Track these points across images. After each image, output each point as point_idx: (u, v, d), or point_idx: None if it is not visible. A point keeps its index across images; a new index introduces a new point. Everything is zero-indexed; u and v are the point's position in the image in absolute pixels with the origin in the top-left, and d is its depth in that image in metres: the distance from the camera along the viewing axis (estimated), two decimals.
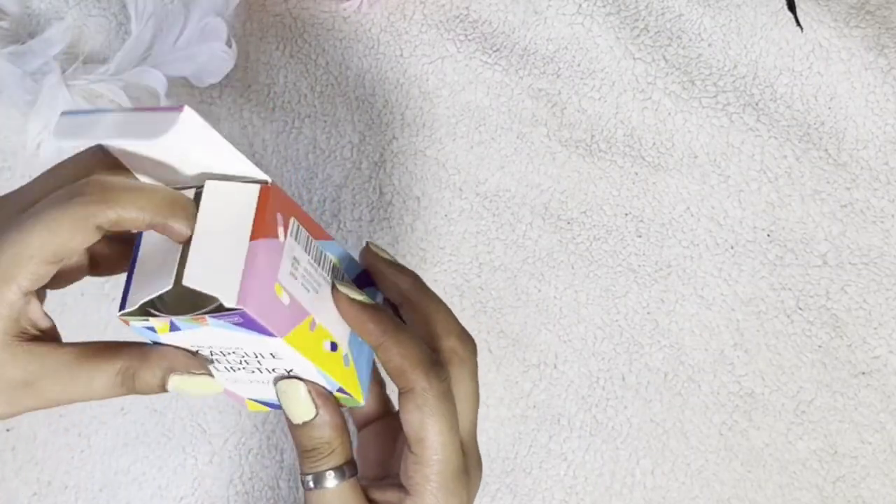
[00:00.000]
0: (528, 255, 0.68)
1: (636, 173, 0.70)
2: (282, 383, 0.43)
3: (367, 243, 0.46)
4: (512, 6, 0.73)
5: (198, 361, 0.42)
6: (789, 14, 0.73)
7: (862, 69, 0.72)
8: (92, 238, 0.40)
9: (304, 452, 0.44)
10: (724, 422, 0.66)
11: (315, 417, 0.43)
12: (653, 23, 0.73)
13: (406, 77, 0.71)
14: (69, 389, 0.42)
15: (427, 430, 0.42)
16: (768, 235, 0.70)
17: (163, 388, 0.41)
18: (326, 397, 0.43)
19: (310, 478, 0.44)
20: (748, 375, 0.67)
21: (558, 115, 0.71)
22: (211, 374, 0.42)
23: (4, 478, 0.63)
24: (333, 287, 0.43)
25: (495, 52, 0.72)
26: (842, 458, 0.66)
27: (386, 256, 0.46)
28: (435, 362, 0.43)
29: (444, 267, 0.68)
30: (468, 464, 0.44)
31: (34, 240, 0.39)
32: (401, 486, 0.44)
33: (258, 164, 0.67)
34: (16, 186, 0.65)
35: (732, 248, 0.69)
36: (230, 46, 0.67)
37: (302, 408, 0.43)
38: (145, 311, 0.40)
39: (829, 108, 0.72)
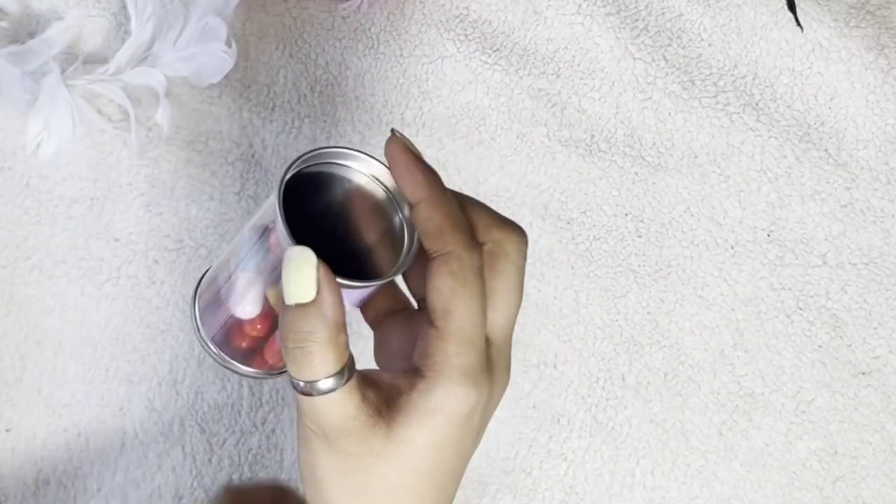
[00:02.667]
0: (528, 255, 0.68)
1: (636, 173, 0.70)
2: (292, 249, 0.37)
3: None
4: (512, 6, 0.72)
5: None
6: (789, 14, 0.73)
7: (862, 69, 0.72)
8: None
9: (290, 351, 0.37)
10: (724, 422, 0.66)
11: (312, 303, 0.36)
12: (653, 23, 0.73)
13: (406, 77, 0.71)
14: None
15: (457, 301, 0.38)
16: (768, 235, 0.70)
17: None
18: (335, 287, 0.37)
19: (300, 381, 0.38)
20: (748, 375, 0.67)
21: (558, 115, 0.71)
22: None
23: (3, 478, 0.63)
24: (393, 132, 0.39)
25: (495, 52, 0.72)
26: (842, 458, 0.66)
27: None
28: (474, 237, 0.39)
29: None
30: (495, 360, 0.40)
31: None
32: (413, 372, 0.39)
33: (257, 163, 0.67)
34: (15, 187, 0.65)
35: (732, 248, 0.69)
36: (230, 46, 0.67)
37: (302, 284, 0.36)
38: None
39: (829, 108, 0.72)
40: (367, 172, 0.42)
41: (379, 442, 0.39)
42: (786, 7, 0.73)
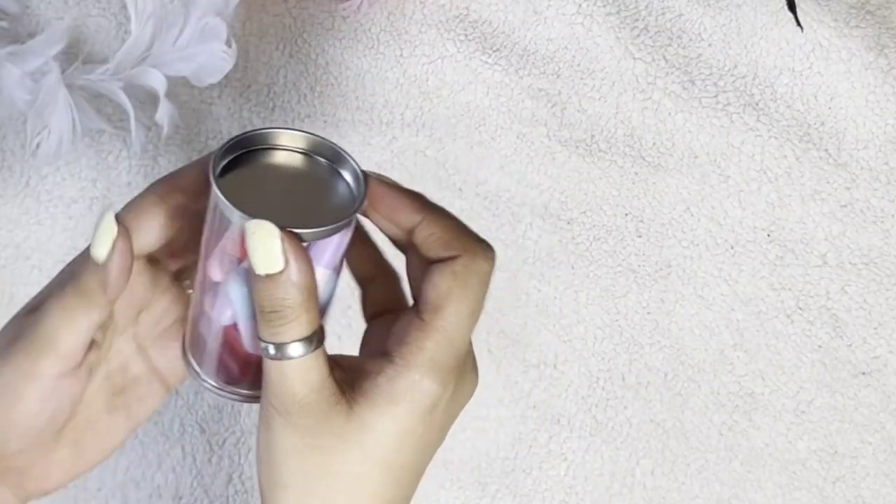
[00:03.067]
0: (528, 255, 0.68)
1: (636, 173, 0.70)
2: (251, 224, 0.37)
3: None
4: (512, 6, 0.73)
5: None
6: (789, 14, 0.73)
7: (862, 69, 0.72)
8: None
9: (265, 314, 0.38)
10: (724, 422, 0.66)
11: (282, 273, 0.37)
12: (653, 23, 0.73)
13: (406, 77, 0.71)
14: None
15: (451, 300, 0.38)
16: (768, 235, 0.70)
17: None
18: (301, 253, 0.37)
19: (270, 345, 0.38)
20: (748, 375, 0.67)
21: (558, 115, 0.71)
22: None
23: None
24: (365, 174, 0.40)
25: (495, 52, 0.72)
26: (842, 458, 0.66)
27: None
28: (482, 240, 0.40)
29: None
30: (466, 365, 0.41)
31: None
32: (383, 357, 0.39)
33: None
34: (15, 187, 0.65)
35: (732, 248, 0.69)
36: (230, 46, 0.67)
37: (269, 256, 0.37)
38: None
39: (829, 108, 0.72)
40: (285, 145, 0.42)
41: (339, 420, 0.39)
42: (786, 7, 0.73)
